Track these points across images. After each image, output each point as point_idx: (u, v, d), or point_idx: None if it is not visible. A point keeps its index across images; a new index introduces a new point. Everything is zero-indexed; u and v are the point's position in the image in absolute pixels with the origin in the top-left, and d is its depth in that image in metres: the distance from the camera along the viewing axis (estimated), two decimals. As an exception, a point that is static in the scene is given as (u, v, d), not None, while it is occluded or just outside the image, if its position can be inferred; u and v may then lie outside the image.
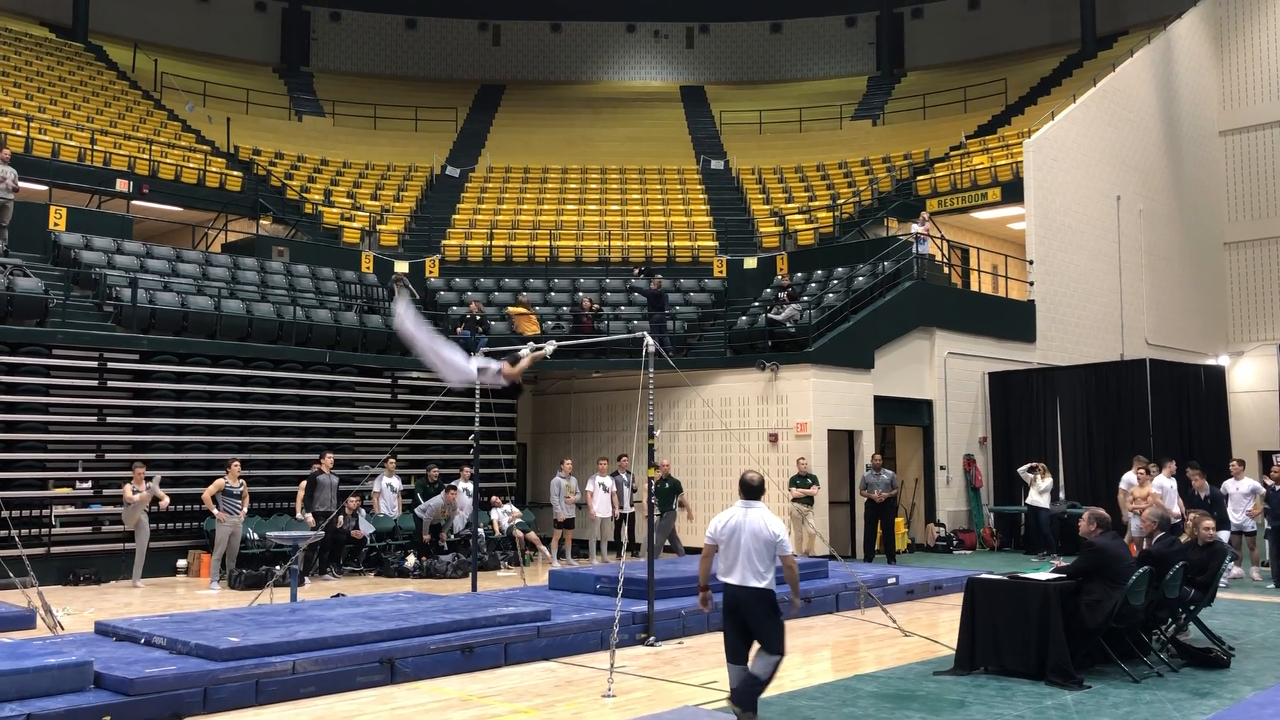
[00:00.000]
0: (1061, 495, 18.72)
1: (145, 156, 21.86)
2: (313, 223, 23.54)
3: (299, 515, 15.43)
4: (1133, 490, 15.29)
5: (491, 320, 19.76)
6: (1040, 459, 18.79)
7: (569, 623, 9.91)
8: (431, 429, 17.76)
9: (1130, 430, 18.40)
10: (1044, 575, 9.11)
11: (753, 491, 7.18)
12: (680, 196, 27.14)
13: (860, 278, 19.99)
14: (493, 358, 10.36)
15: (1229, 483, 15.53)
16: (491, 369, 9.25)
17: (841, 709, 7.65)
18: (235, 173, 23.49)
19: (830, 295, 19.73)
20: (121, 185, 20.78)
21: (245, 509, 14.79)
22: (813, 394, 17.39)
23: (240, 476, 14.78)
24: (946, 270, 22.29)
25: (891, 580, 13.30)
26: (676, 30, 36.49)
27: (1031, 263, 21.87)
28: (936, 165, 25.43)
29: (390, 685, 8.39)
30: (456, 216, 25.59)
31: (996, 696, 8.00)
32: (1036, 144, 22.29)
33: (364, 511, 16.35)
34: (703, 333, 20.98)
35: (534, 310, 20.24)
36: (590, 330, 19.44)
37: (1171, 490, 15.14)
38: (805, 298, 19.69)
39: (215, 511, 14.42)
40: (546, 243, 24.16)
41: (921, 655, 9.64)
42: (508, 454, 18.37)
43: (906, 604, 12.75)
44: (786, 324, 18.43)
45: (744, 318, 20.10)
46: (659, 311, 19.58)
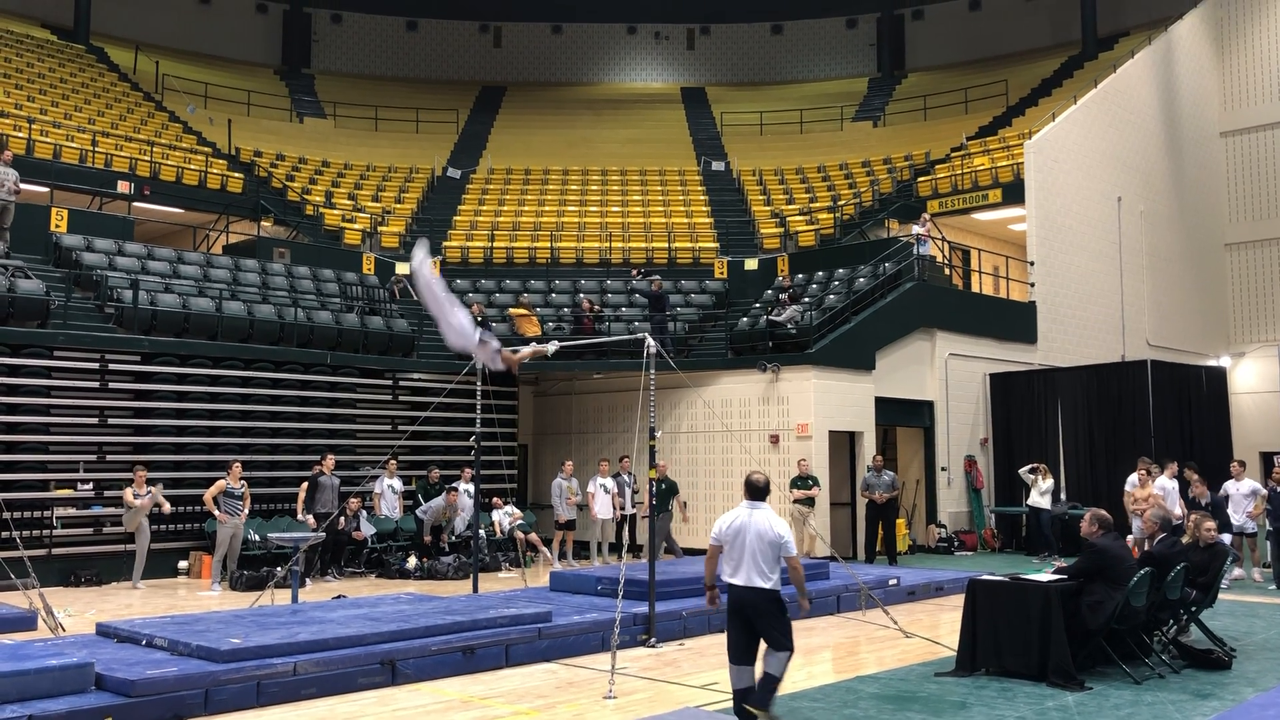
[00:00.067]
0: (1063, 496, 18.72)
1: (146, 158, 21.87)
2: (314, 224, 23.56)
3: (300, 516, 15.43)
4: (1134, 491, 15.30)
5: (493, 321, 19.76)
6: (1041, 460, 18.79)
7: (570, 624, 9.92)
8: (432, 430, 17.76)
9: (1131, 431, 18.40)
10: (1045, 576, 9.11)
11: (758, 493, 7.17)
12: (681, 198, 27.14)
13: (861, 279, 19.99)
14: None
15: (1229, 484, 15.52)
16: (492, 345, 9.24)
17: (843, 710, 7.65)
18: (236, 174, 23.51)
19: (831, 296, 19.73)
20: (123, 187, 20.79)
21: (246, 510, 14.80)
22: (814, 395, 17.39)
23: (241, 478, 14.80)
24: (947, 271, 22.29)
25: (893, 581, 13.30)
26: (677, 32, 36.49)
27: (1032, 264, 21.87)
28: (937, 166, 25.44)
29: (391, 687, 8.40)
30: (457, 218, 25.60)
31: (998, 698, 8.00)
32: (1037, 145, 22.29)
33: (365, 513, 16.35)
34: (704, 334, 20.99)
35: (535, 311, 20.25)
36: (591, 331, 19.45)
37: (1173, 491, 15.15)
38: (806, 299, 19.70)
39: (216, 513, 14.44)
40: (547, 244, 24.18)
41: (923, 656, 9.64)
42: (509, 455, 18.37)
43: (908, 605, 12.75)
44: (787, 325, 18.43)
45: (745, 319, 20.10)
46: (660, 313, 19.58)
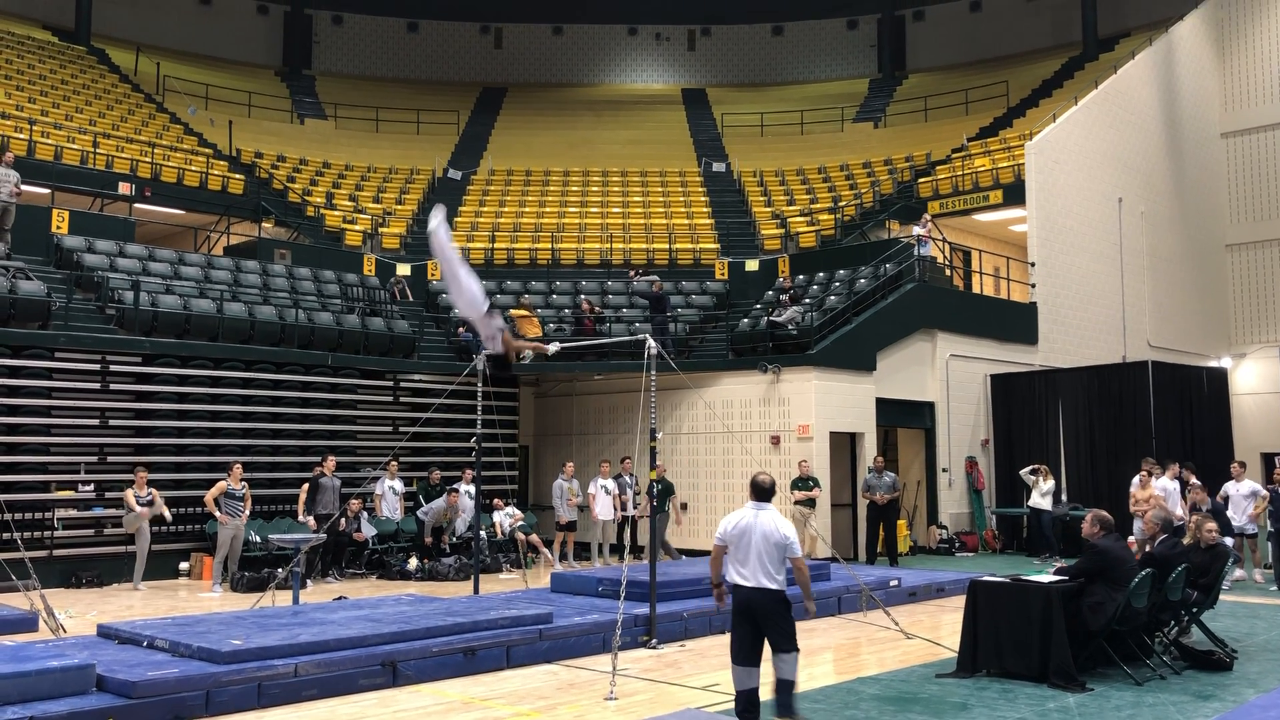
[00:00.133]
0: (1064, 497, 18.70)
1: (148, 160, 21.88)
2: (315, 225, 23.56)
3: (301, 518, 15.43)
4: (1135, 493, 15.29)
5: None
6: (1042, 461, 18.79)
7: (571, 625, 9.92)
8: (433, 431, 17.75)
9: (1132, 432, 18.39)
10: (1046, 577, 9.11)
11: (764, 493, 7.16)
12: (682, 199, 27.14)
13: (862, 280, 19.99)
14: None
15: (1229, 485, 15.51)
16: (496, 322, 9.20)
17: (844, 711, 7.65)
18: (237, 176, 23.52)
19: (832, 297, 19.73)
20: (124, 188, 20.81)
21: (247, 511, 14.81)
22: (814, 396, 17.39)
23: (242, 479, 14.81)
24: (948, 272, 22.28)
25: (894, 582, 13.30)
26: (678, 33, 36.49)
27: (1033, 265, 21.86)
28: (938, 167, 25.43)
29: (392, 688, 8.40)
30: (458, 219, 25.59)
31: (999, 699, 8.00)
32: (1038, 146, 22.28)
33: (366, 514, 16.35)
34: (704, 335, 20.98)
35: (535, 313, 20.25)
36: (592, 332, 19.45)
37: (1174, 493, 15.14)
38: (807, 300, 19.70)
39: (217, 514, 14.45)
40: (548, 245, 24.18)
41: (924, 658, 9.64)
42: (509, 456, 18.38)
43: (909, 606, 12.75)
44: (788, 326, 18.43)
45: (746, 320, 20.10)
46: (661, 314, 19.58)
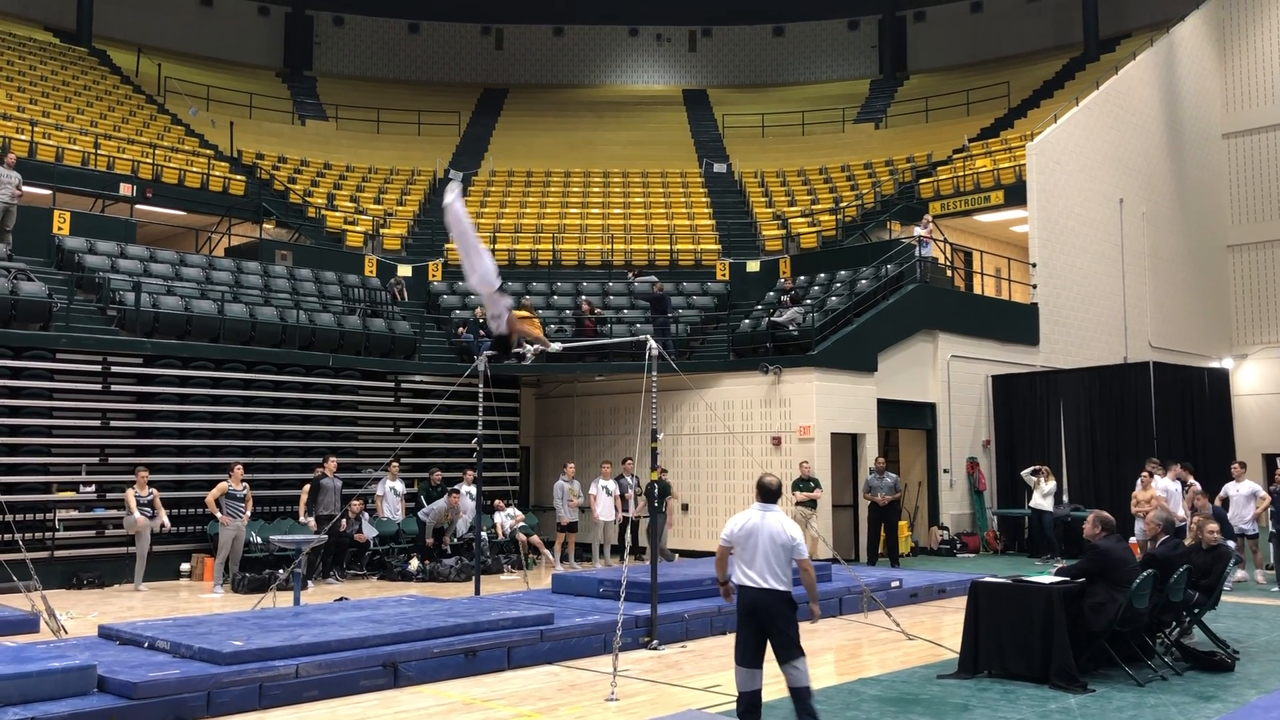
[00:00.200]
0: (1065, 498, 18.69)
1: (149, 161, 21.89)
2: (316, 226, 23.57)
3: (302, 519, 15.44)
4: (1136, 494, 15.28)
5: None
6: (1044, 462, 18.77)
7: (572, 626, 9.91)
8: (434, 432, 17.75)
9: (1134, 433, 18.38)
10: (1048, 578, 9.10)
11: (770, 495, 7.14)
12: (683, 200, 27.15)
13: (863, 281, 19.98)
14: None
15: (1229, 485, 15.50)
16: (507, 301, 9.21)
17: (845, 713, 7.64)
18: (238, 177, 23.53)
19: (833, 298, 19.72)
20: (125, 189, 20.82)
21: (248, 512, 14.80)
22: (816, 397, 17.38)
23: (243, 480, 14.80)
24: (949, 273, 22.27)
25: (895, 584, 13.29)
26: (679, 34, 36.51)
27: (1034, 265, 21.86)
28: (939, 168, 25.42)
29: (394, 689, 8.40)
30: (459, 221, 25.56)
31: (1000, 700, 7.99)
32: (1039, 147, 22.28)
33: (367, 515, 16.36)
34: (705, 336, 20.98)
35: (536, 313, 20.23)
36: (593, 333, 19.45)
37: (1176, 494, 15.12)
38: (808, 301, 19.69)
39: (218, 515, 14.45)
40: (549, 246, 24.18)
41: (925, 659, 9.63)
42: (510, 457, 18.39)
43: (910, 607, 12.74)
44: (789, 327, 18.43)
45: (747, 321, 20.10)
46: (662, 315, 19.58)
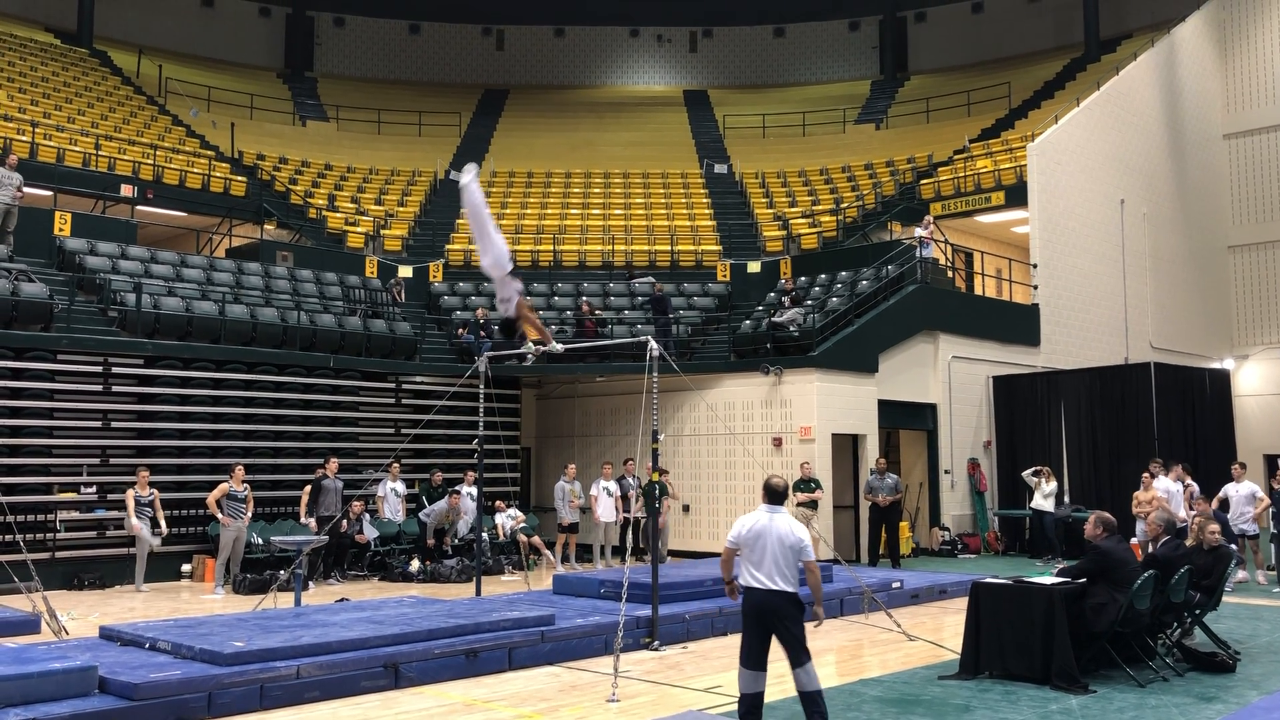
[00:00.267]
0: (1066, 499, 18.69)
1: (150, 162, 21.91)
2: (316, 227, 23.58)
3: (303, 520, 15.44)
4: (1137, 495, 15.27)
5: (494, 324, 19.75)
6: (1045, 463, 18.77)
7: (573, 627, 9.91)
8: (435, 433, 17.76)
9: (1135, 434, 18.38)
10: (1049, 579, 9.10)
11: (777, 497, 7.13)
12: (684, 200, 27.15)
13: (864, 281, 19.98)
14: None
15: (1229, 486, 15.50)
16: (517, 285, 9.26)
17: (846, 714, 7.64)
18: (239, 178, 23.55)
19: (834, 299, 19.72)
20: (126, 190, 20.84)
21: (249, 513, 14.80)
22: (816, 398, 17.38)
23: (244, 481, 14.80)
24: (950, 274, 22.27)
25: (896, 584, 13.28)
26: (680, 35, 36.52)
27: (1035, 266, 21.85)
28: (940, 169, 25.42)
29: (394, 690, 8.40)
30: (460, 221, 25.59)
31: (1001, 701, 7.99)
32: (1040, 147, 22.28)
33: (368, 516, 16.36)
34: (706, 337, 20.98)
35: (537, 314, 20.23)
36: (593, 334, 19.45)
37: (1177, 494, 15.12)
38: (809, 301, 19.69)
39: (219, 516, 14.45)
40: (550, 247, 24.19)
41: (926, 660, 9.63)
42: (512, 458, 18.41)
43: (911, 608, 12.74)
44: (790, 328, 18.42)
45: (747, 321, 20.09)
46: (662, 315, 19.58)
